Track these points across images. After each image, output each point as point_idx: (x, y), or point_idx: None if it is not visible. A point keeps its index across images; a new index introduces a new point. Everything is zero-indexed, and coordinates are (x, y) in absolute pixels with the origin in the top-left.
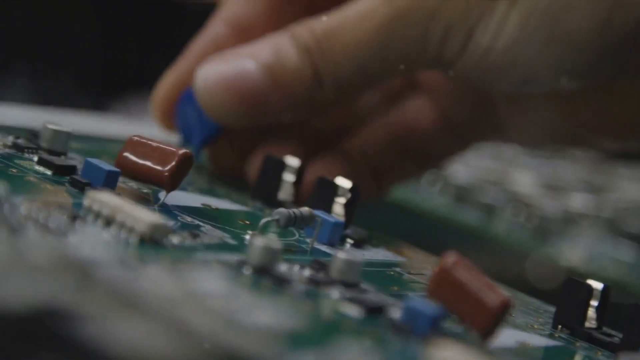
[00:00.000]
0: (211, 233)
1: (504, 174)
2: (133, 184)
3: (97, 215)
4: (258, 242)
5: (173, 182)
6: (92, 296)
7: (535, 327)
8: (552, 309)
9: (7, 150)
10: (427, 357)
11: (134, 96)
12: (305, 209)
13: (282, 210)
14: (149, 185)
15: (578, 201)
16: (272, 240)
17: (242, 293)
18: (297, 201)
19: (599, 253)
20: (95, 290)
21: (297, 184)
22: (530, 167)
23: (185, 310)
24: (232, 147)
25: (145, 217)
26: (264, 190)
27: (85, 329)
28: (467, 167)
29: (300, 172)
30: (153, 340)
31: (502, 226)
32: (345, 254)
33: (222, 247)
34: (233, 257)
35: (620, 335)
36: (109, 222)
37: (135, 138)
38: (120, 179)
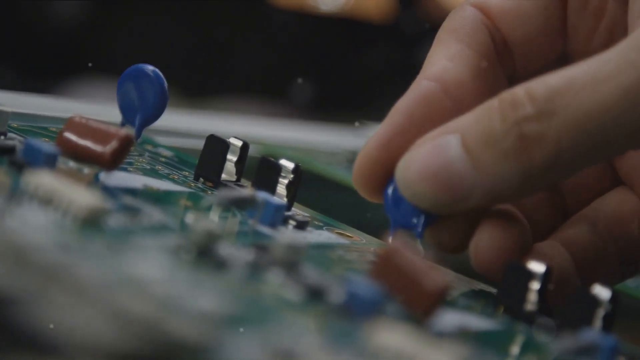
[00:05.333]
0: (151, 215)
1: None
2: (74, 165)
3: (36, 196)
4: (198, 224)
5: (114, 161)
6: (29, 280)
7: (477, 309)
8: (495, 291)
9: None
10: (368, 339)
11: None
12: (247, 191)
13: (224, 191)
14: (90, 165)
15: None
16: (213, 222)
17: (181, 277)
18: (240, 182)
19: None
20: (31, 275)
21: (240, 163)
22: None
23: (123, 295)
24: (452, 226)
25: (84, 198)
26: (207, 171)
27: (21, 314)
28: None
29: (243, 152)
30: (90, 326)
31: None
32: (286, 236)
33: (163, 229)
34: (173, 240)
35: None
36: (47, 203)
37: (76, 118)
38: (61, 159)
